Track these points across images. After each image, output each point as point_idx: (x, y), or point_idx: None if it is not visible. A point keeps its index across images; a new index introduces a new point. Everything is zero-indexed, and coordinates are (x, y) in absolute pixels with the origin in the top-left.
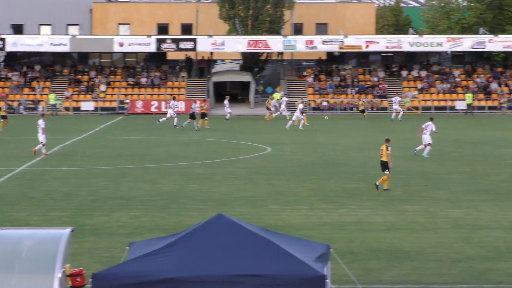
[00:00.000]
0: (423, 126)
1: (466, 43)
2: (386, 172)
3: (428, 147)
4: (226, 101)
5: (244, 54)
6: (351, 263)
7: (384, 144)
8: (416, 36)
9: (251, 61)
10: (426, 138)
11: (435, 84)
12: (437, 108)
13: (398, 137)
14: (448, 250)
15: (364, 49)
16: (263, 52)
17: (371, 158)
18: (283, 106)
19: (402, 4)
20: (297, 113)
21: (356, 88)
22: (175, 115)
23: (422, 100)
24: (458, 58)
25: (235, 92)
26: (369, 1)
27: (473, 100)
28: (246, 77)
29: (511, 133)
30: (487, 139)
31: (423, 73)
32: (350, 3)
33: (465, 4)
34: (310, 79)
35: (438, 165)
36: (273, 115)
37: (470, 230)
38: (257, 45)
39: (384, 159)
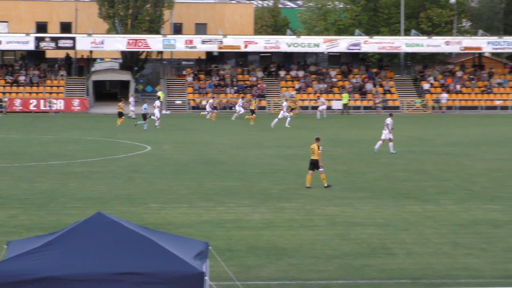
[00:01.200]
0: (388, 122)
1: (342, 44)
2: (321, 169)
3: (380, 143)
4: (131, 99)
5: (123, 53)
6: (230, 260)
7: (314, 143)
8: (294, 36)
9: (131, 60)
10: (386, 133)
11: (312, 84)
12: (314, 107)
13: (274, 136)
14: (324, 246)
15: (242, 49)
16: (143, 51)
17: (250, 156)
18: (238, 107)
19: (280, 5)
20: (283, 111)
21: (235, 88)
22: (159, 116)
23: (300, 99)
24: (335, 58)
25: (114, 91)
26: (247, 2)
27: (349, 100)
28: (125, 76)
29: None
30: (362, 138)
31: (301, 73)
32: (229, 4)
33: (341, 6)
34: (189, 78)
35: None
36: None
37: (346, 227)
38: (136, 44)
39: (315, 157)
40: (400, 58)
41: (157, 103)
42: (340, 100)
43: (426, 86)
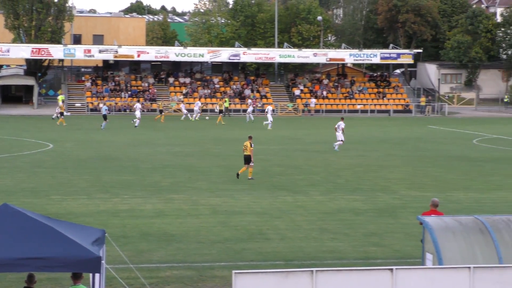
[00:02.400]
0: (336, 125)
1: (224, 54)
2: (251, 164)
3: (340, 143)
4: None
5: (28, 60)
6: (124, 245)
7: (247, 141)
8: (181, 48)
9: (35, 67)
10: (339, 135)
11: (198, 89)
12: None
13: (165, 136)
14: (208, 233)
15: (136, 58)
16: (46, 59)
17: (142, 153)
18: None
19: (169, 20)
20: (269, 115)
21: (129, 92)
22: (139, 116)
23: (187, 103)
24: (217, 67)
25: (19, 95)
26: (139, 17)
27: (230, 103)
28: (30, 81)
29: (261, 132)
30: (240, 138)
31: (187, 80)
32: (123, 18)
33: (223, 21)
34: (88, 84)
35: (200, 160)
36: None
37: (227, 216)
38: (40, 52)
39: (248, 153)
40: (275, 67)
41: (138, 105)
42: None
43: (297, 92)
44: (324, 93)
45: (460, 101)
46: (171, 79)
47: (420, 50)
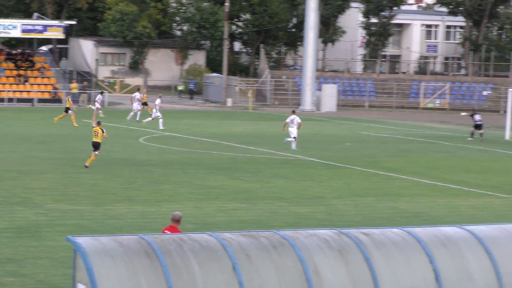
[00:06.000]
0: (288, 120)
1: None
2: (98, 152)
3: (292, 139)
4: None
5: None
6: None
7: (97, 127)
8: None
9: None
10: (294, 131)
11: None
12: None
13: None
14: None
15: None
16: None
17: None
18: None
19: None
20: (155, 110)
21: None
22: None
23: None
24: None
25: None
26: None
27: None
28: None
29: None
30: None
31: None
32: None
33: None
34: None
35: None
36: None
37: None
38: None
39: (98, 140)
40: None
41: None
42: None
43: None
44: None
45: (124, 88)
46: None
47: (74, 22)
